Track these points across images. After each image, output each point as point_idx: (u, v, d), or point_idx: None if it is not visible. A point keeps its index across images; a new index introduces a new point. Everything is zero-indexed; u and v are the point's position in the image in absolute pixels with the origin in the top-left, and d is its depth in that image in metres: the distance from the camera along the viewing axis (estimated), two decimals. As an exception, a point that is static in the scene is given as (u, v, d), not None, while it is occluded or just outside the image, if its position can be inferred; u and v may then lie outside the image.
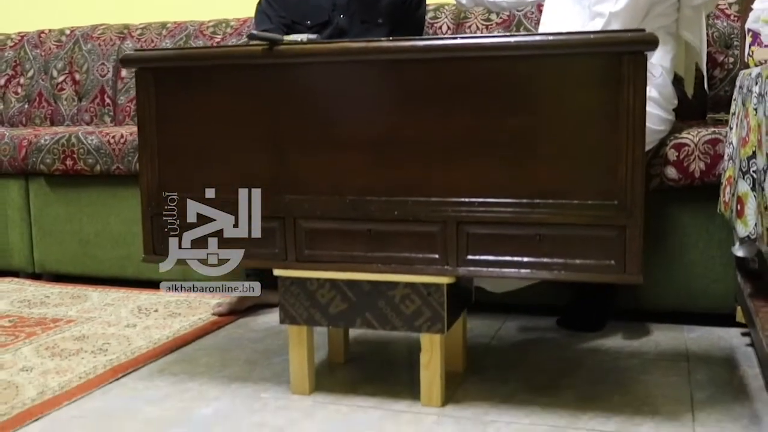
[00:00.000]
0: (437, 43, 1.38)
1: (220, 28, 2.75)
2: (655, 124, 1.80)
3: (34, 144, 2.39)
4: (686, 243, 1.90)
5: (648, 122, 1.58)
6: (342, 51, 1.41)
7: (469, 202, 1.38)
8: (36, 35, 3.01)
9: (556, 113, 1.33)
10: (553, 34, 1.34)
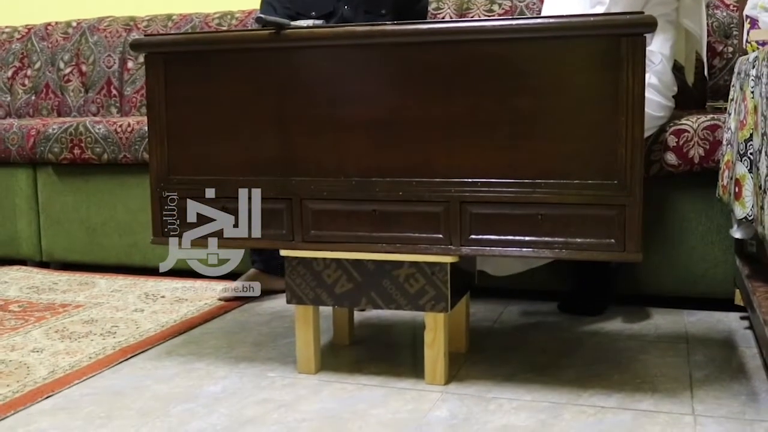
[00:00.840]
0: (439, 27, 1.41)
1: (225, 20, 2.77)
2: (654, 111, 1.83)
3: (42, 133, 2.42)
4: (686, 228, 1.92)
5: (648, 108, 1.62)
6: (347, 35, 1.44)
7: (471, 183, 1.41)
8: (43, 28, 3.05)
9: (556, 95, 1.36)
10: (553, 17, 1.37)
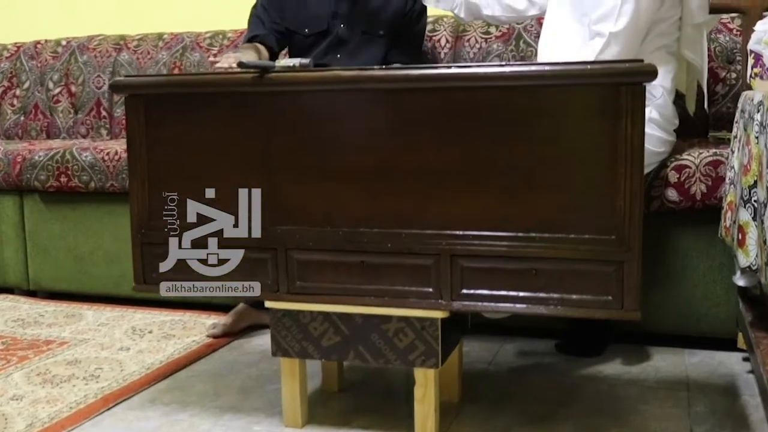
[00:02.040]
0: (431, 73, 1.35)
1: (216, 40, 2.72)
2: (655, 146, 1.77)
3: (29, 160, 2.36)
4: (687, 266, 1.87)
5: (648, 144, 1.56)
6: (333, 79, 1.38)
7: (463, 235, 1.35)
8: (32, 46, 2.99)
9: (552, 144, 1.30)
10: (549, 64, 1.31)
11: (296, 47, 2.26)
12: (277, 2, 2.24)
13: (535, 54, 2.33)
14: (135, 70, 2.76)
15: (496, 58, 2.38)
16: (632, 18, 1.72)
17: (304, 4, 2.22)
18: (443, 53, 2.44)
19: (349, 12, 2.20)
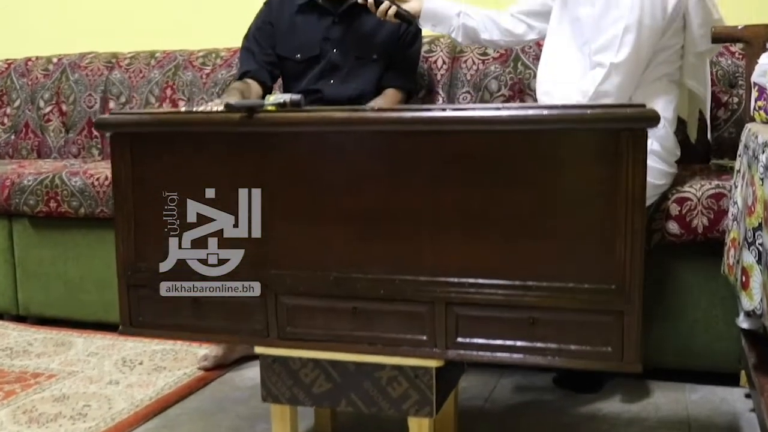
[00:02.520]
0: (425, 116, 1.31)
1: (209, 59, 2.67)
2: (656, 179, 1.73)
3: (17, 185, 2.32)
4: (688, 299, 1.83)
5: (649, 177, 1.50)
6: (325, 121, 1.34)
7: (458, 283, 1.30)
8: (23, 63, 2.94)
9: (550, 190, 1.26)
10: (547, 108, 1.26)
11: (289, 73, 2.22)
12: (268, 30, 2.20)
13: (533, 77, 2.29)
14: (127, 89, 2.72)
15: (494, 81, 2.34)
16: (634, 48, 1.68)
17: (295, 29, 2.18)
18: (440, 75, 2.40)
19: (341, 36, 2.16)
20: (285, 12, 2.21)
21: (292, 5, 2.21)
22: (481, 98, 2.34)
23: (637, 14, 1.68)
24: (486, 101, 2.33)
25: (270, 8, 2.24)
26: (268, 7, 2.25)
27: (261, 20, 2.23)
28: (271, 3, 2.25)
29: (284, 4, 2.22)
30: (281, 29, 2.20)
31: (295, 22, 2.19)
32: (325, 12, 2.18)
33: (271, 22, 2.21)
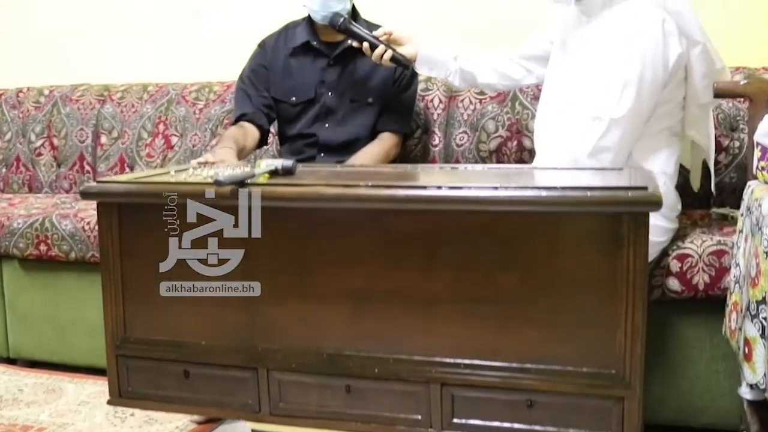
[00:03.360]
0: (419, 194, 1.26)
1: (203, 94, 2.64)
2: (657, 236, 1.69)
3: (7, 227, 2.28)
4: (689, 356, 1.79)
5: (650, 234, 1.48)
6: (316, 197, 1.30)
7: (453, 363, 1.27)
8: (14, 94, 2.90)
9: (548, 273, 1.22)
10: (546, 189, 1.22)
11: (283, 116, 2.19)
12: (262, 72, 2.17)
13: (531, 117, 2.25)
14: (119, 123, 2.68)
15: (491, 121, 2.30)
16: (634, 103, 1.65)
17: (290, 72, 2.15)
18: (436, 114, 2.36)
19: (336, 80, 2.12)
20: (280, 54, 2.17)
21: (286, 48, 2.17)
22: (478, 138, 2.30)
23: (638, 68, 1.64)
24: (483, 142, 2.29)
25: (264, 50, 2.21)
26: (263, 49, 2.21)
27: (256, 62, 2.20)
28: (265, 45, 2.22)
29: (279, 47, 2.19)
30: (276, 72, 2.16)
31: (290, 64, 2.16)
32: (320, 55, 2.14)
33: (265, 65, 2.18)
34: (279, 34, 2.23)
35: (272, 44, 2.21)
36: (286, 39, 2.20)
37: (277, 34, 2.23)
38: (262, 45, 2.23)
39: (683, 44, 1.68)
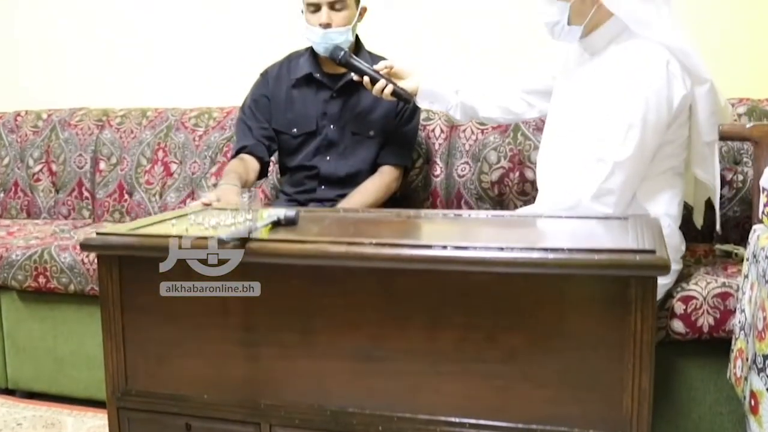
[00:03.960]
0: (424, 254, 1.25)
1: (202, 120, 2.62)
2: (662, 278, 1.67)
3: (5, 259, 2.26)
4: (693, 398, 1.78)
5: (654, 277, 1.48)
6: (320, 255, 1.28)
7: (458, 423, 1.26)
8: (12, 118, 2.88)
9: (554, 334, 1.21)
10: (552, 251, 1.21)
11: (284, 147, 2.17)
12: (264, 103, 2.15)
13: (533, 148, 2.24)
14: (118, 149, 2.67)
15: (493, 151, 2.29)
16: (638, 146, 1.63)
17: (292, 104, 2.13)
18: (437, 144, 2.35)
19: (339, 112, 2.11)
20: (282, 85, 2.16)
21: (289, 78, 2.15)
22: (479, 169, 2.29)
23: (641, 110, 1.62)
24: (485, 173, 2.28)
25: (266, 80, 2.19)
26: (265, 79, 2.19)
27: (257, 92, 2.18)
28: (267, 74, 2.20)
29: (281, 77, 2.17)
30: (278, 103, 2.15)
31: (292, 96, 2.14)
32: (323, 87, 2.13)
33: (267, 95, 2.16)
34: (281, 63, 2.21)
35: (275, 74, 2.19)
36: (288, 69, 2.18)
37: (280, 64, 2.21)
38: (264, 74, 2.21)
39: (687, 85, 1.67)
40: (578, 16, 1.71)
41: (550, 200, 1.73)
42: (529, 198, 2.24)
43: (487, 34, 2.54)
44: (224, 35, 2.81)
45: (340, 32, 2.01)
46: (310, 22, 2.03)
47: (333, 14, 2.00)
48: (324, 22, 1.99)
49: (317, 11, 2.01)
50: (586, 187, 1.66)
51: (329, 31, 2.00)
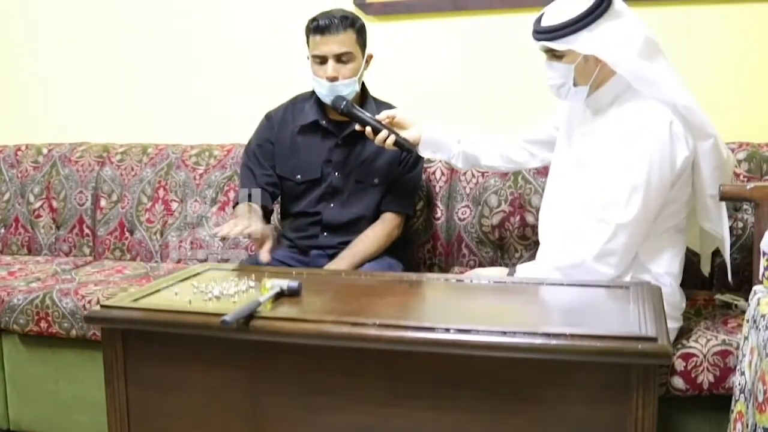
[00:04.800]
0: (426, 337, 1.26)
1: (203, 158, 2.62)
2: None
3: (7, 303, 2.26)
4: (694, 452, 1.80)
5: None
6: (323, 335, 1.29)
7: (463, 504, 1.27)
8: (13, 152, 2.87)
9: (556, 418, 1.23)
10: (555, 337, 1.22)
11: (287, 192, 2.18)
12: (268, 148, 2.16)
13: (534, 192, 2.25)
14: (119, 186, 2.67)
15: (493, 195, 2.29)
16: (642, 208, 1.64)
17: (297, 150, 2.14)
18: (438, 187, 2.35)
19: (343, 160, 2.11)
20: (287, 130, 2.16)
21: (294, 124, 2.15)
22: (480, 213, 2.29)
23: (645, 173, 1.63)
24: (485, 216, 2.29)
25: (271, 124, 2.19)
26: (269, 123, 2.19)
27: (262, 137, 2.18)
28: (272, 118, 2.20)
29: (286, 121, 2.17)
30: (282, 148, 2.15)
31: (297, 142, 2.14)
32: (328, 134, 2.13)
33: (271, 140, 2.16)
34: (286, 107, 2.21)
35: (279, 118, 2.19)
36: (293, 114, 2.18)
37: (284, 108, 2.21)
38: (268, 118, 2.21)
39: (690, 146, 1.68)
40: (583, 77, 1.72)
41: (552, 258, 1.74)
42: (529, 242, 2.25)
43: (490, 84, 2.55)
44: (225, 71, 2.81)
45: (347, 84, 2.02)
46: (317, 73, 2.03)
47: (340, 67, 2.01)
48: (331, 75, 1.99)
49: (324, 63, 2.01)
50: (588, 247, 1.67)
51: (336, 84, 2.00)
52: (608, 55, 1.65)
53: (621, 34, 1.64)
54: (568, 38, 1.66)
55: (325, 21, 2.00)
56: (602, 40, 1.64)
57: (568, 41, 1.66)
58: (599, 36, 1.63)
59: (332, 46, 2.00)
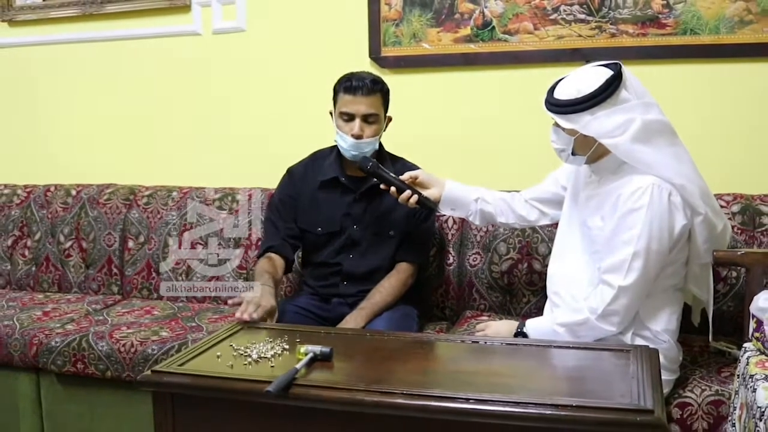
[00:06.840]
0: (449, 406, 1.38)
1: (225, 203, 2.76)
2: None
3: (45, 344, 2.41)
4: (689, 493, 1.93)
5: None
6: (354, 402, 1.43)
7: None
8: (42, 193, 3.02)
9: (564, 480, 1.37)
10: (564, 408, 1.36)
11: (308, 243, 2.32)
12: (290, 203, 2.30)
13: (541, 241, 2.39)
14: (145, 228, 2.81)
15: (503, 243, 2.44)
16: (642, 273, 1.79)
17: (318, 205, 2.28)
18: (450, 234, 2.50)
19: (362, 214, 2.26)
20: (308, 186, 2.30)
21: (314, 180, 2.30)
22: (490, 260, 2.44)
23: (645, 240, 1.77)
24: (495, 263, 2.43)
25: (293, 180, 2.33)
26: (291, 179, 2.34)
27: (284, 192, 2.33)
28: (293, 174, 2.34)
29: (307, 178, 2.31)
30: (303, 203, 2.30)
31: (318, 197, 2.29)
32: (347, 190, 2.27)
33: (293, 195, 2.31)
34: (306, 163, 2.35)
35: (300, 173, 2.33)
36: (314, 170, 2.32)
37: (305, 164, 2.35)
38: (290, 173, 2.35)
39: (687, 215, 1.82)
40: (582, 149, 1.86)
41: (561, 316, 1.88)
42: (536, 288, 2.40)
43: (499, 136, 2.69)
44: (247, 116, 2.95)
45: (369, 143, 2.16)
46: (342, 129, 2.17)
47: (365, 126, 2.15)
48: (356, 133, 2.14)
49: (351, 120, 2.15)
50: (593, 308, 1.82)
51: (360, 142, 2.15)
52: (604, 139, 1.78)
53: (619, 121, 1.76)
54: (570, 116, 1.80)
55: (358, 82, 2.15)
56: (600, 125, 1.77)
57: (570, 119, 1.80)
58: (598, 120, 1.77)
59: (361, 106, 2.15)
